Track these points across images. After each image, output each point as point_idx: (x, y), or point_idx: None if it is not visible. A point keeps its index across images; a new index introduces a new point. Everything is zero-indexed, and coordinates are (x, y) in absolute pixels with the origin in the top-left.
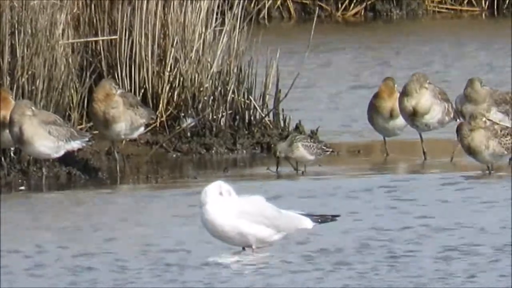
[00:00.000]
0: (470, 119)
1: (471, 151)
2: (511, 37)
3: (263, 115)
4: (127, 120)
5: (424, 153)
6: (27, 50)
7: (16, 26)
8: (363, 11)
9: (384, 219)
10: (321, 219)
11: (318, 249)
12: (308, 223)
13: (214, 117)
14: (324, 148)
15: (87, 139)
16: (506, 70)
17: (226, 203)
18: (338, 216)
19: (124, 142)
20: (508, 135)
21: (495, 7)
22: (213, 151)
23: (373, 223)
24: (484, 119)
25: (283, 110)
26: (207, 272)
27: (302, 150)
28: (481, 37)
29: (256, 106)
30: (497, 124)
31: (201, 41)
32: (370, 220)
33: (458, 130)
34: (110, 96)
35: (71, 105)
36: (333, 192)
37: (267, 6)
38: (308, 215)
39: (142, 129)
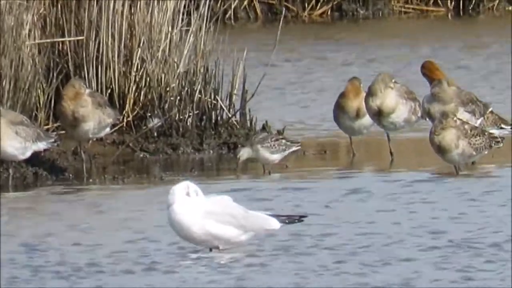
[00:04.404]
0: (442, 117)
1: (440, 149)
2: (476, 36)
3: (230, 115)
4: (96, 119)
5: (391, 153)
6: None
7: None
8: (329, 11)
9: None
10: (288, 219)
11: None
12: (275, 224)
13: (181, 117)
14: (289, 143)
15: (53, 140)
16: (472, 70)
17: (193, 203)
18: (305, 216)
19: (90, 142)
20: (478, 135)
21: (461, 7)
22: (179, 151)
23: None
24: (455, 118)
25: (249, 110)
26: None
27: (262, 151)
28: (446, 37)
29: (223, 106)
30: (467, 123)
31: (168, 41)
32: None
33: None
34: (79, 95)
35: (38, 105)
36: (299, 192)
37: (233, 6)
38: (275, 215)
39: (108, 129)
